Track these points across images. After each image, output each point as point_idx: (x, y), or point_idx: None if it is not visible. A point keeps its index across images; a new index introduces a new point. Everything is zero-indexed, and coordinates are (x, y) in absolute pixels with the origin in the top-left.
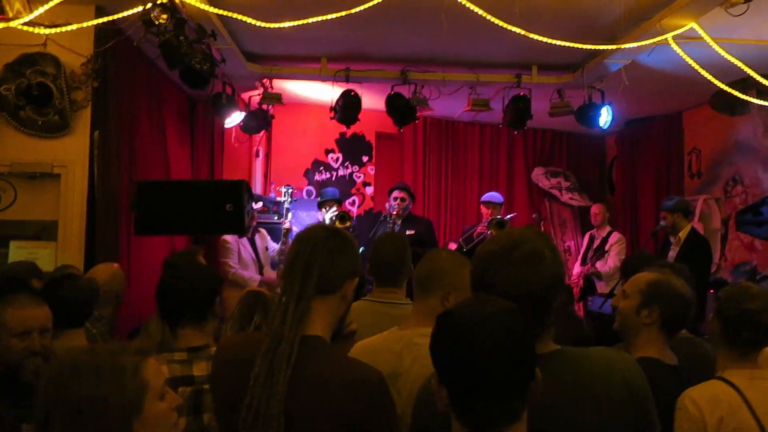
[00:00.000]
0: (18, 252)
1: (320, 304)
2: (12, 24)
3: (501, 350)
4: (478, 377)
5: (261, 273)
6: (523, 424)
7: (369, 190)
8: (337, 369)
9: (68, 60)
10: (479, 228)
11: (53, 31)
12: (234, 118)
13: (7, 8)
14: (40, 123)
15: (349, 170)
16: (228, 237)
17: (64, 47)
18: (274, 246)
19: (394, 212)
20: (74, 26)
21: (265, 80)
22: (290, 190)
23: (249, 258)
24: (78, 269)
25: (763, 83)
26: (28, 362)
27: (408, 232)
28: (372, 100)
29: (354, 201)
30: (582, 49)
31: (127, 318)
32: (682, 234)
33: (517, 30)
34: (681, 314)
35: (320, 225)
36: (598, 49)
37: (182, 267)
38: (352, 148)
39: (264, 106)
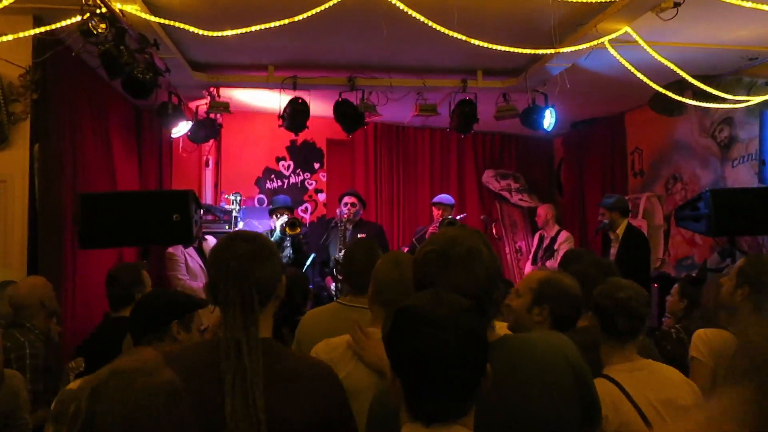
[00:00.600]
0: None
1: (264, 310)
2: None
3: (456, 350)
4: (432, 374)
5: None
6: (471, 418)
7: (321, 197)
8: (300, 364)
9: (6, 71)
10: (431, 228)
11: None
12: (181, 128)
13: None
14: None
15: (301, 177)
16: (173, 250)
17: (1, 58)
18: None
19: (345, 217)
20: (11, 36)
21: (212, 89)
22: (238, 198)
23: (197, 267)
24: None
25: (697, 85)
26: None
27: (359, 236)
28: (321, 107)
29: (306, 208)
30: (524, 53)
31: (73, 330)
32: (620, 231)
33: (458, 36)
34: (571, 312)
35: (237, 235)
36: (539, 54)
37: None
38: (303, 156)
39: (212, 115)
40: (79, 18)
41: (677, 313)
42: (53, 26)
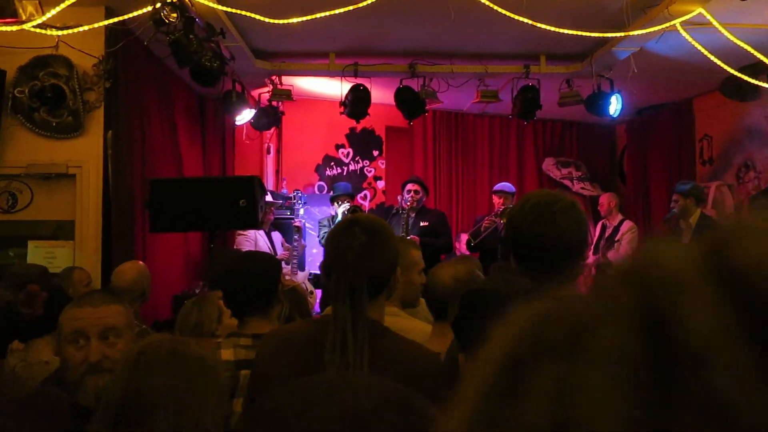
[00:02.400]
0: (36, 252)
1: (376, 300)
2: (25, 26)
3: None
4: None
5: None
6: None
7: (380, 184)
8: (406, 346)
9: (80, 61)
10: (486, 220)
11: (65, 32)
12: (244, 116)
13: (20, 11)
14: (54, 124)
15: (360, 165)
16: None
17: (75, 49)
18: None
19: (408, 205)
20: (85, 27)
21: (274, 77)
22: (299, 194)
23: (266, 248)
24: (85, 271)
25: None
26: (87, 380)
27: (422, 224)
28: (381, 94)
29: (365, 195)
30: (590, 37)
31: (143, 313)
32: (693, 219)
33: (525, 20)
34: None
35: (356, 222)
36: (606, 38)
37: (243, 258)
38: (362, 143)
39: (274, 103)
40: (149, 8)
41: None
42: (124, 17)
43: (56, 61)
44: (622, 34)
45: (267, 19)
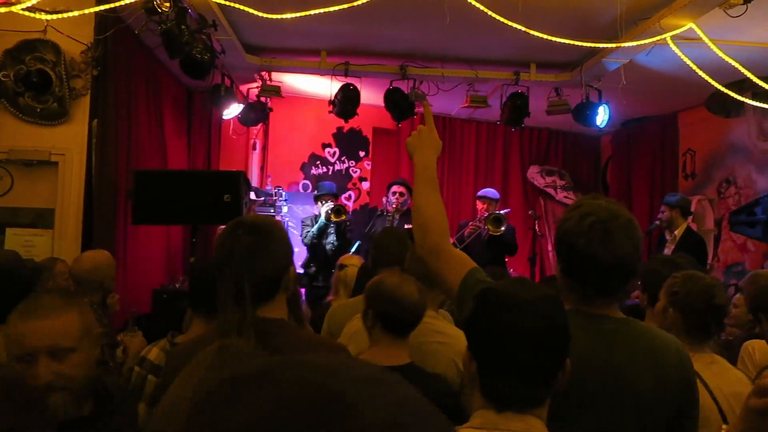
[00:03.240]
0: (14, 239)
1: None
2: (14, 9)
3: (538, 335)
4: (507, 356)
5: None
6: (545, 410)
7: (365, 185)
8: (299, 340)
9: (68, 47)
10: (471, 225)
11: (54, 17)
12: (232, 110)
13: None
14: (38, 110)
15: (346, 165)
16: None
17: (63, 34)
18: None
19: (393, 207)
20: (75, 12)
21: (264, 72)
22: (280, 191)
23: None
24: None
25: (760, 85)
26: (50, 396)
27: (406, 226)
28: (369, 95)
29: (350, 195)
30: (581, 47)
31: (121, 306)
32: (678, 232)
33: (518, 26)
34: (397, 315)
35: (241, 223)
36: (597, 48)
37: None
38: (349, 143)
39: (262, 99)
40: None
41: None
42: (116, 4)
43: (44, 46)
44: (614, 45)
45: (260, 14)
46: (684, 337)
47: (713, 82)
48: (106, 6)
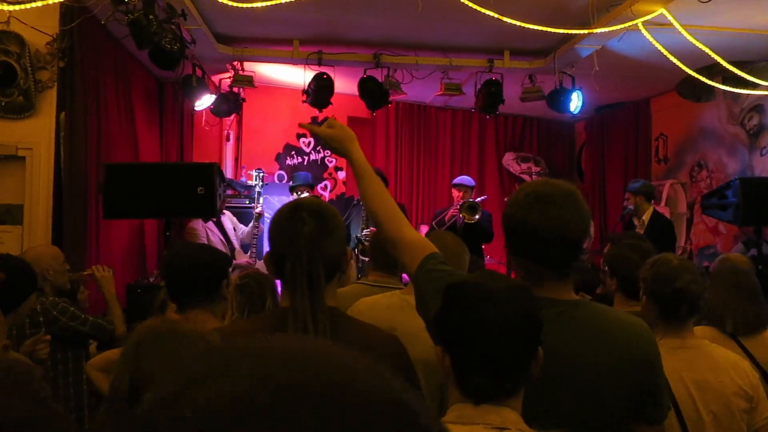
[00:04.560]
0: None
1: (329, 284)
2: None
3: (509, 327)
4: (483, 351)
5: (232, 256)
6: (519, 401)
7: (341, 175)
8: (368, 331)
9: (33, 39)
10: (450, 211)
11: (17, 7)
12: (204, 101)
13: None
14: (3, 104)
15: (321, 155)
16: (194, 224)
17: (28, 25)
18: (242, 227)
19: None
20: (39, 3)
21: (236, 63)
22: (261, 174)
23: (218, 242)
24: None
25: (730, 70)
26: None
27: None
28: (344, 84)
29: (326, 186)
30: (553, 34)
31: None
32: (645, 217)
33: (491, 13)
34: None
35: (301, 206)
36: (570, 35)
37: (188, 248)
38: None
39: (235, 89)
40: None
41: None
42: None
43: (7, 38)
44: (585, 31)
45: (230, 2)
46: (660, 323)
47: (684, 67)
48: None
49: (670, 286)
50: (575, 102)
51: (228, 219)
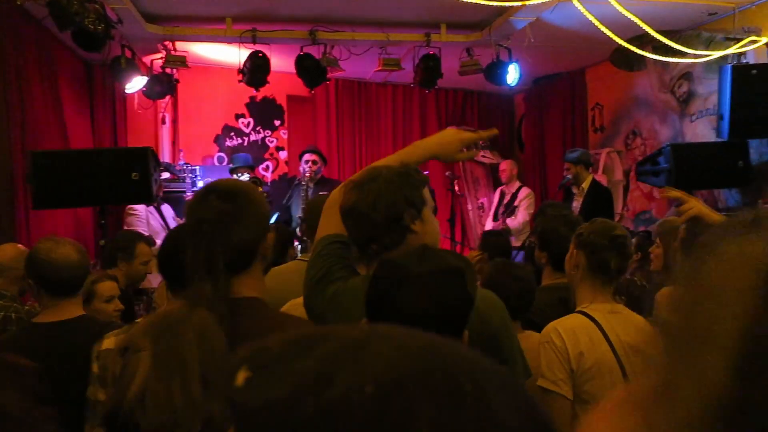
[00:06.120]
0: None
1: (248, 272)
2: None
3: (424, 314)
4: None
5: None
6: None
7: (283, 155)
8: (275, 322)
9: None
10: None
11: None
12: (135, 83)
13: None
14: None
15: (261, 135)
16: (135, 205)
17: None
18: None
19: (307, 175)
20: None
21: (167, 42)
22: (188, 166)
23: (159, 226)
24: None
25: (659, 39)
26: None
27: (321, 194)
28: (281, 62)
29: (267, 166)
30: (489, 6)
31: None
32: (585, 185)
33: None
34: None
35: (213, 189)
36: (504, 7)
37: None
38: (263, 113)
39: (168, 70)
40: None
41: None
42: None
43: None
44: (519, 3)
45: None
46: (589, 280)
47: (615, 37)
48: None
49: (608, 235)
50: (512, 74)
51: (169, 209)
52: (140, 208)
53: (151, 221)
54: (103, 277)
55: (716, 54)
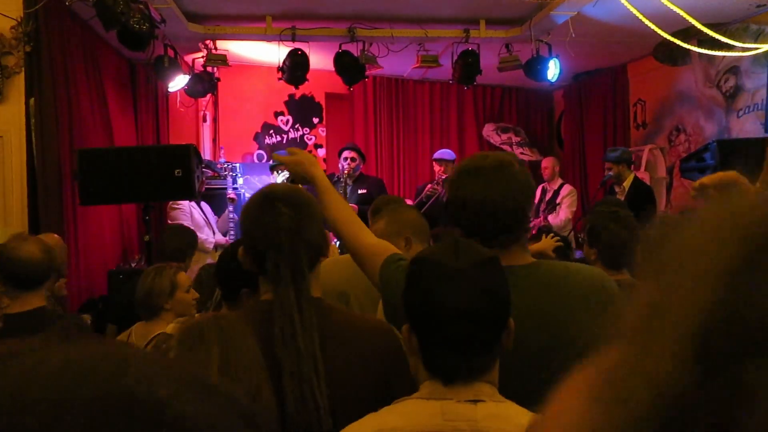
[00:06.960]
0: None
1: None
2: None
3: (474, 308)
4: (447, 331)
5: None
6: (495, 373)
7: (321, 152)
8: (357, 321)
9: None
10: (428, 188)
11: None
12: (178, 82)
13: None
14: None
15: (300, 132)
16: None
17: None
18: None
19: (345, 172)
20: None
21: (208, 41)
22: (229, 165)
23: (201, 220)
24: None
25: (704, 32)
26: None
27: (360, 191)
28: (320, 60)
29: None
30: (529, 1)
31: (76, 290)
32: (626, 183)
33: None
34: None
35: (275, 197)
36: (545, 1)
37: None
38: (302, 110)
39: (209, 69)
40: None
41: None
42: None
43: None
44: None
45: None
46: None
47: (659, 31)
48: None
49: (614, 216)
50: (552, 70)
51: (208, 207)
52: (184, 202)
53: (195, 215)
54: (176, 269)
55: (764, 47)
